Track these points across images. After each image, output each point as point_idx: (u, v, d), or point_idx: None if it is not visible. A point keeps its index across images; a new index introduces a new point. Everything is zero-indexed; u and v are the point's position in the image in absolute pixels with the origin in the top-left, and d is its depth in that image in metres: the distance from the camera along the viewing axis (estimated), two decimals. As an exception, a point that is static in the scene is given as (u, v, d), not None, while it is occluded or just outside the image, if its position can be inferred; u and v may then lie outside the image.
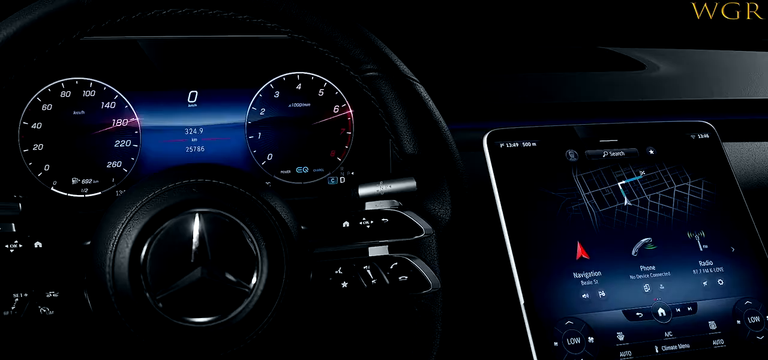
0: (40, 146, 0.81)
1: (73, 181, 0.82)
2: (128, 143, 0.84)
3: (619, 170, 0.80)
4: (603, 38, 1.07)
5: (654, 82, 1.04)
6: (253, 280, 0.59)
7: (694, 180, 0.81)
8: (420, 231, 0.67)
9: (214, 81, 0.86)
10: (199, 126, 0.86)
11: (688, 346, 0.73)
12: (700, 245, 0.78)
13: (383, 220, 0.67)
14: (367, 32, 0.68)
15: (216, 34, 0.86)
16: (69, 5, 0.60)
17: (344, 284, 0.64)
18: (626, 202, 0.78)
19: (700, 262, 0.77)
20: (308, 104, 0.88)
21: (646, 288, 0.75)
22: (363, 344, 0.87)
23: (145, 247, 0.58)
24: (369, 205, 0.76)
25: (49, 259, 0.61)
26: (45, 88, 0.81)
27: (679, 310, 0.74)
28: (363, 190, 0.71)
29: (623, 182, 0.80)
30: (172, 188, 0.60)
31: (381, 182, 0.71)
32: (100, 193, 0.83)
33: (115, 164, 0.83)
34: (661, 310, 0.74)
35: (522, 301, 0.72)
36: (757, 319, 0.75)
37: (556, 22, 1.07)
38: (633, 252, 0.76)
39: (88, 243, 0.61)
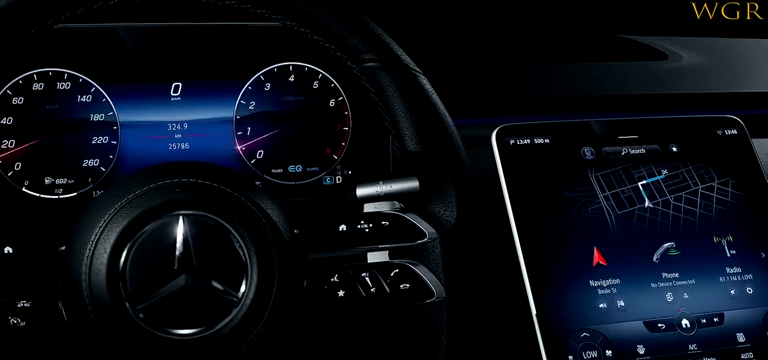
0: (11, 143, 0.81)
1: (46, 180, 0.82)
2: (106, 140, 0.84)
3: (640, 169, 0.80)
4: (622, 26, 1.07)
5: (677, 73, 1.04)
6: (242, 288, 0.59)
7: (720, 180, 0.81)
8: (423, 235, 0.67)
9: (200, 72, 0.86)
10: (183, 121, 0.86)
11: (714, 359, 0.73)
12: (727, 250, 0.78)
13: (383, 223, 0.67)
14: (366, 19, 0.68)
15: (201, 22, 0.86)
16: (41, -10, 0.60)
17: (341, 293, 0.64)
18: (647, 203, 0.79)
19: (728, 269, 0.77)
20: (302, 97, 0.88)
21: (669, 297, 0.75)
22: (361, 358, 0.86)
23: (124, 253, 0.58)
24: (368, 207, 0.76)
25: (20, 266, 0.61)
26: (16, 79, 0.81)
27: (704, 321, 0.74)
28: (361, 191, 0.71)
29: (644, 182, 0.80)
30: (154, 188, 0.60)
31: (381, 182, 0.71)
32: (75, 193, 0.83)
33: (91, 163, 0.83)
34: (685, 321, 0.74)
35: (534, 312, 0.72)
36: (789, 330, 0.75)
37: (571, 8, 1.07)
38: (654, 258, 0.76)
39: (63, 248, 0.61)
